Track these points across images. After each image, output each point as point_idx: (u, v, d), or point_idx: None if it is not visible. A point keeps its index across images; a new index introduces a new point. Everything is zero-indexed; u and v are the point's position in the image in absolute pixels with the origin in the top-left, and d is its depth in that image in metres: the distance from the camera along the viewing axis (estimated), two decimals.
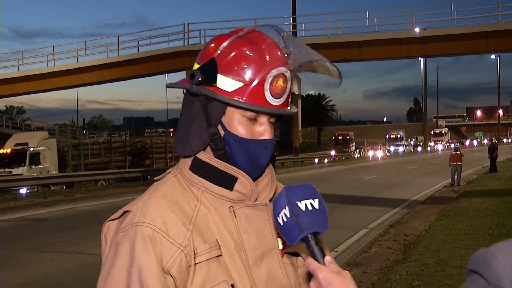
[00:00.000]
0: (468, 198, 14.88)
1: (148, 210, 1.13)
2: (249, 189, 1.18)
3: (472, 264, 0.93)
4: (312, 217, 1.02)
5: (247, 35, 1.17)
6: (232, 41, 1.15)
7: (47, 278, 7.20)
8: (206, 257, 1.12)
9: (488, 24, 25.54)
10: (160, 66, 31.67)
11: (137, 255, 1.08)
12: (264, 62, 1.13)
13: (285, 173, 27.12)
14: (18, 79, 35.05)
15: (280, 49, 1.17)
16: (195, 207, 1.17)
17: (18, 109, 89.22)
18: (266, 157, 1.19)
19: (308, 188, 1.05)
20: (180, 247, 1.10)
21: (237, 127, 1.16)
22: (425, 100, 77.04)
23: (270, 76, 1.13)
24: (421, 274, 6.66)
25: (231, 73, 1.13)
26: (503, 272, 0.87)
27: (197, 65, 1.19)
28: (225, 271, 1.12)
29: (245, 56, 1.13)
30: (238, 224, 1.17)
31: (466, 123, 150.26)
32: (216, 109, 1.16)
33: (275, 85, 1.14)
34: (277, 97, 1.15)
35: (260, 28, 1.20)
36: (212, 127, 1.16)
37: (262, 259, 1.17)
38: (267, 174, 1.25)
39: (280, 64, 1.14)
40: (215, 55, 1.15)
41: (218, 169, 1.18)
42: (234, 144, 1.16)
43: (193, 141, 1.18)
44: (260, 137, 1.17)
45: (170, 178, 1.22)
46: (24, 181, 19.91)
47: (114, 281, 1.08)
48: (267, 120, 1.18)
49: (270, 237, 1.19)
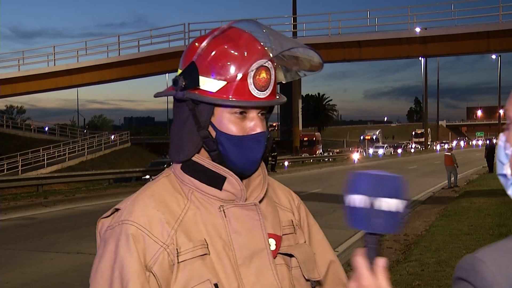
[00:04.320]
0: (468, 198, 14.88)
1: (134, 209, 1.15)
2: (238, 188, 1.18)
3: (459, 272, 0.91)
4: (387, 219, 0.91)
5: (223, 33, 1.17)
6: (209, 41, 1.16)
7: (47, 278, 7.20)
8: (190, 255, 1.12)
9: (488, 24, 25.51)
10: (160, 66, 31.65)
11: (120, 252, 1.11)
12: (243, 57, 1.14)
13: (285, 173, 27.11)
14: (19, 79, 35.03)
15: (258, 42, 1.17)
16: (184, 206, 1.17)
17: (18, 109, 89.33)
18: (260, 151, 1.19)
19: (397, 182, 0.92)
20: (163, 245, 1.11)
21: (228, 126, 1.16)
22: (425, 100, 77.08)
23: (252, 70, 1.14)
24: (422, 274, 6.66)
25: (212, 74, 1.14)
26: (491, 277, 0.86)
27: (180, 70, 1.20)
28: (210, 270, 1.13)
29: (224, 54, 1.14)
30: (227, 224, 1.17)
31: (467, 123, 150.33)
32: (204, 111, 1.16)
33: (258, 78, 1.15)
34: (262, 89, 1.15)
35: (236, 24, 1.20)
36: (202, 129, 1.17)
37: (252, 259, 1.17)
38: (259, 174, 1.25)
39: (260, 57, 1.14)
40: (194, 58, 1.15)
41: (207, 168, 1.18)
42: (226, 143, 1.17)
43: (186, 146, 1.18)
44: (252, 132, 1.17)
45: (162, 178, 1.24)
46: (24, 181, 19.94)
47: (99, 276, 1.12)
48: (257, 114, 1.18)
49: (260, 238, 1.19)
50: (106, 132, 53.11)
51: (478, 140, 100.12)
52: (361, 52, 27.61)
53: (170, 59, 30.91)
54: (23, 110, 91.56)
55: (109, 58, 33.39)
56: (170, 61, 31.00)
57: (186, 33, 31.28)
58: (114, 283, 1.09)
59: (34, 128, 47.76)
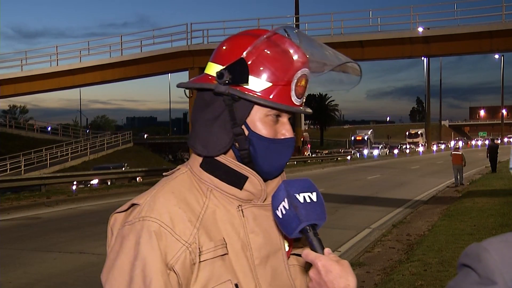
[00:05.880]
0: (471, 198, 14.84)
1: (155, 205, 1.14)
2: (259, 188, 1.19)
3: (464, 258, 0.95)
4: (310, 209, 1.05)
5: (271, 38, 1.18)
6: (261, 42, 1.17)
7: (50, 277, 7.21)
8: (211, 255, 1.12)
9: (491, 23, 25.44)
10: (163, 66, 31.65)
11: (142, 249, 1.09)
12: (291, 63, 1.16)
13: (288, 173, 27.05)
14: (21, 79, 35.07)
15: (302, 51, 1.19)
16: (203, 204, 1.17)
17: (21, 109, 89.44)
18: (287, 156, 1.22)
19: (306, 182, 1.09)
20: (186, 244, 1.11)
21: (261, 127, 1.17)
22: (428, 100, 76.89)
23: (296, 77, 1.16)
24: (424, 274, 6.64)
25: (260, 74, 1.15)
26: (494, 265, 0.90)
27: (214, 64, 1.19)
28: (229, 270, 1.13)
29: (274, 58, 1.16)
30: (245, 224, 1.17)
31: (470, 123, 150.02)
32: (242, 108, 1.16)
33: (300, 85, 1.17)
34: (300, 97, 1.19)
35: (280, 30, 1.21)
36: (237, 126, 1.17)
37: (268, 259, 1.18)
38: (277, 176, 1.26)
39: (304, 66, 1.18)
40: (244, 55, 1.15)
41: (229, 167, 1.18)
42: (257, 144, 1.17)
43: (216, 141, 1.17)
44: (283, 137, 1.19)
45: (180, 175, 1.23)
46: (27, 180, 19.96)
47: (117, 272, 1.10)
48: (288, 120, 1.20)
49: (276, 238, 1.20)
50: (108, 132, 53.10)
51: (478, 140, 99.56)
52: (364, 52, 27.56)
53: (173, 59, 30.91)
54: (26, 110, 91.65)
55: (111, 58, 33.38)
56: (173, 61, 31.00)
57: (189, 33, 31.24)
58: (135, 280, 1.07)
59: (37, 128, 47.79)
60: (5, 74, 35.84)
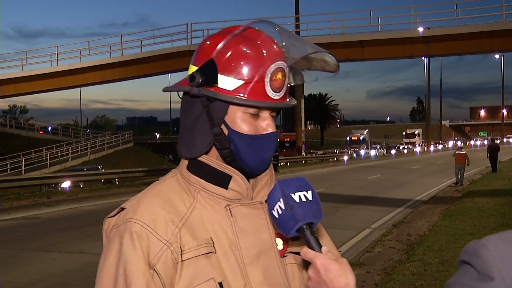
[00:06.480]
0: (471, 198, 14.84)
1: (139, 208, 1.16)
2: (244, 187, 1.19)
3: (464, 255, 0.97)
4: (306, 208, 1.05)
5: (242, 33, 1.17)
6: (229, 40, 1.16)
7: (50, 277, 7.21)
8: (194, 254, 1.13)
9: (491, 23, 25.45)
10: (163, 66, 31.67)
11: (124, 249, 1.11)
12: (262, 58, 1.14)
13: (288, 173, 27.10)
14: (22, 79, 35.10)
15: (276, 44, 1.18)
16: (190, 205, 1.18)
17: (21, 108, 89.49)
18: (271, 151, 1.20)
19: (301, 181, 1.09)
20: (166, 243, 1.12)
21: (241, 125, 1.17)
22: (428, 99, 76.94)
23: (270, 71, 1.14)
24: (425, 274, 6.64)
25: (231, 72, 1.14)
26: (492, 262, 0.91)
27: (193, 66, 1.20)
28: (216, 269, 1.13)
29: (244, 54, 1.14)
30: (233, 223, 1.18)
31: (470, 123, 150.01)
32: (218, 109, 1.16)
33: (275, 80, 1.16)
34: (277, 91, 1.17)
35: (254, 24, 1.21)
36: (216, 127, 1.17)
37: (259, 258, 1.18)
38: (266, 174, 1.26)
39: (278, 59, 1.16)
40: (213, 55, 1.15)
41: (212, 168, 1.19)
42: (239, 142, 1.17)
43: (198, 142, 1.18)
44: (264, 132, 1.18)
45: (169, 178, 1.24)
46: (27, 180, 19.97)
47: (105, 275, 1.13)
48: (269, 115, 1.19)
49: (267, 236, 1.19)
50: (109, 132, 53.09)
51: (477, 140, 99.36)
52: (364, 52, 27.57)
53: (173, 59, 30.93)
54: (26, 110, 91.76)
55: (111, 58, 33.41)
56: (173, 61, 31.02)
57: (189, 33, 31.30)
58: (119, 280, 1.10)
59: (37, 128, 47.78)
60: (5, 74, 35.87)
